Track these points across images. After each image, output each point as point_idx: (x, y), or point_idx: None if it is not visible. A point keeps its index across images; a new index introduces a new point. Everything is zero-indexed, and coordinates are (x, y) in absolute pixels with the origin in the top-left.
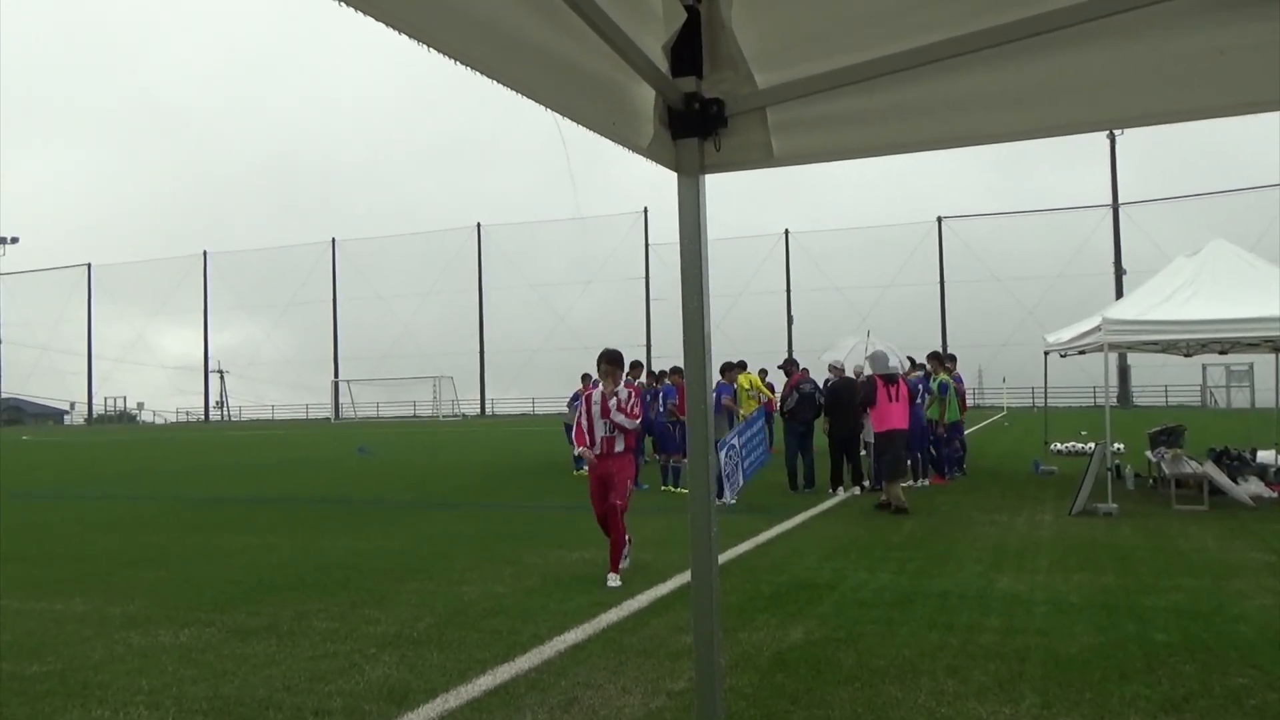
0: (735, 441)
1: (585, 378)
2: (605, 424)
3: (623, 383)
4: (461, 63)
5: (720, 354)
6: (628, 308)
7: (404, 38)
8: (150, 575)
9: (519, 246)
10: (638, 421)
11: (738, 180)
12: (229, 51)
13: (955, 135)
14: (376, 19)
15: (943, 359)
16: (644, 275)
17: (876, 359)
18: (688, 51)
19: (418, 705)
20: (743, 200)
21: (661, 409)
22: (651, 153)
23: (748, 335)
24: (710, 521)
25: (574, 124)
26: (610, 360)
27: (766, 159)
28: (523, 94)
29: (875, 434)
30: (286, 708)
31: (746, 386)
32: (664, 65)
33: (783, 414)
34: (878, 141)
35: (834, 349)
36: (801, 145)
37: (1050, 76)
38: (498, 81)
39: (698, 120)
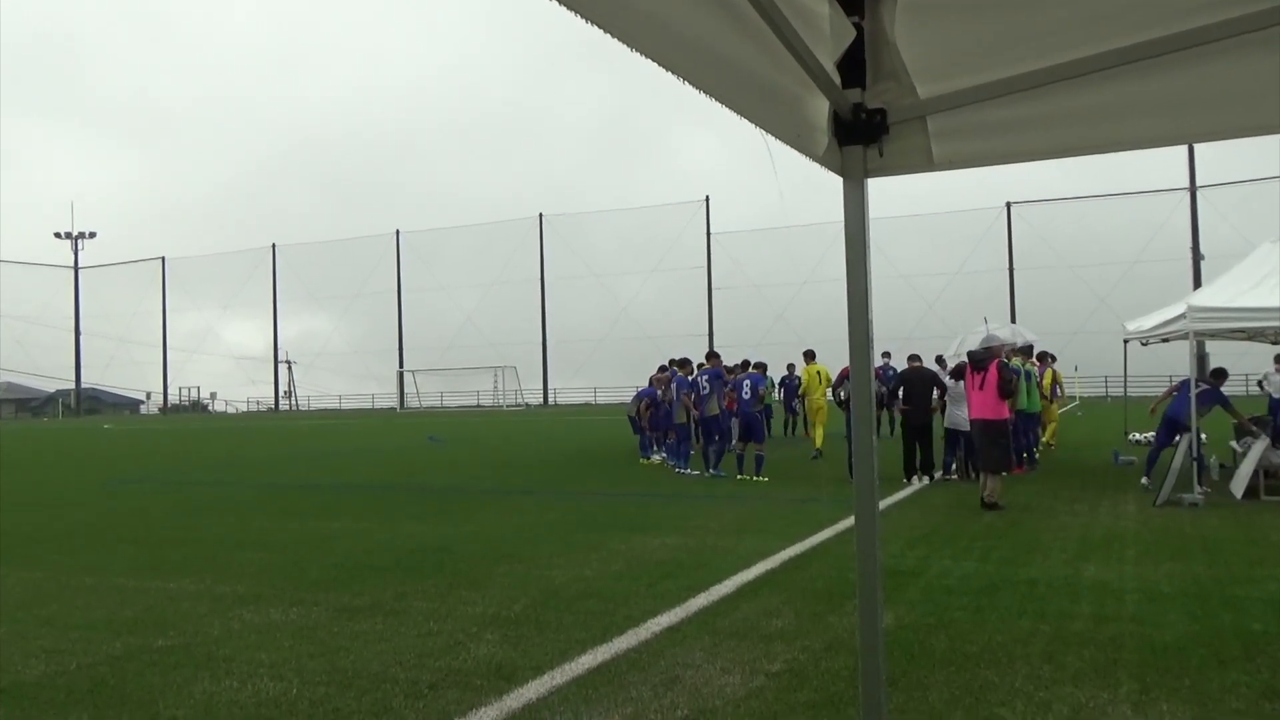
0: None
1: (663, 368)
2: None
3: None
4: (683, 79)
5: (784, 342)
6: (689, 297)
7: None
8: (254, 557)
9: (580, 235)
10: None
11: (799, 166)
12: (269, 40)
13: (1109, 141)
14: (608, 32)
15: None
16: (706, 264)
17: (987, 340)
18: (853, 65)
19: (525, 681)
20: (807, 187)
21: (747, 396)
22: (824, 160)
23: (811, 323)
24: (874, 506)
25: (767, 134)
26: None
27: (926, 164)
28: (735, 111)
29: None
30: (402, 681)
31: (813, 375)
32: (837, 79)
33: (840, 405)
34: (1032, 147)
35: (964, 342)
36: (960, 151)
37: (1205, 85)
38: (712, 98)
39: (863, 128)
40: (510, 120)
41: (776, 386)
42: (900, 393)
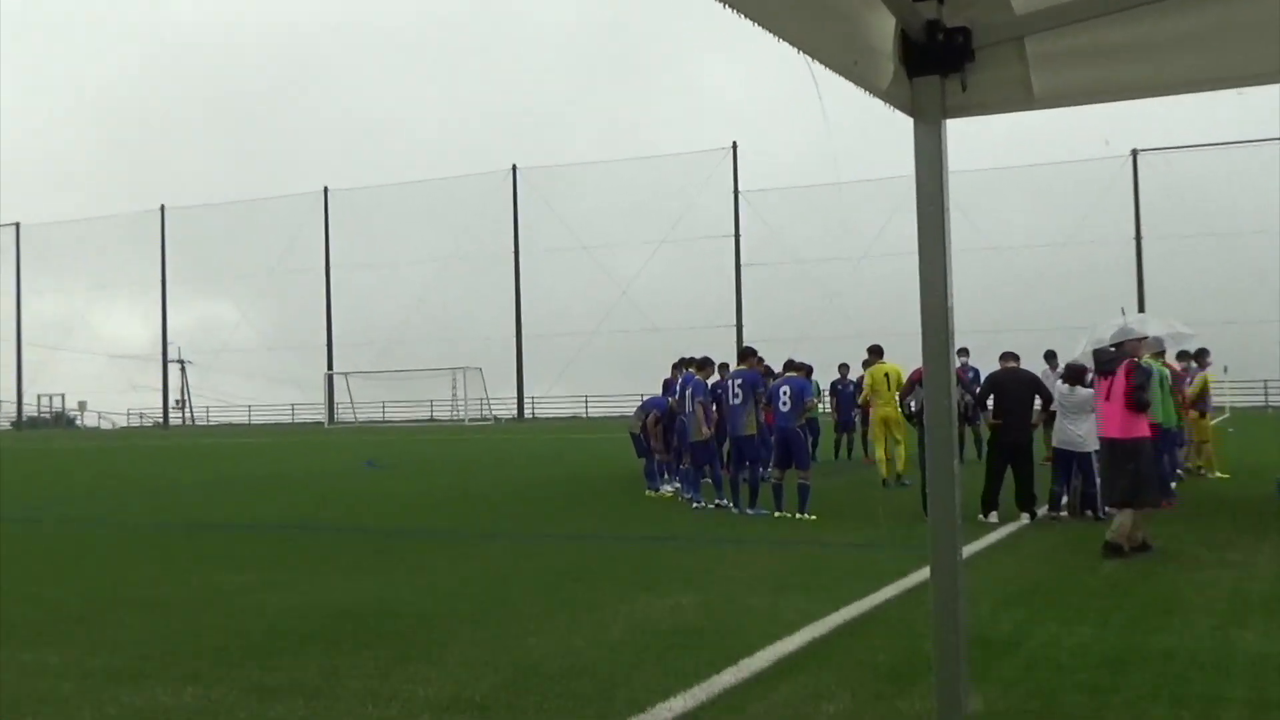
0: None
1: (677, 366)
2: None
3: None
4: None
5: (836, 335)
6: (710, 276)
7: None
8: (134, 620)
9: (566, 193)
10: None
11: (856, 103)
12: None
13: (1255, 70)
14: None
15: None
16: (733, 233)
17: (1120, 335)
18: None
19: None
20: (866, 130)
21: (786, 408)
22: (890, 95)
23: (870, 310)
24: (956, 553)
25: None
26: None
27: (1024, 100)
28: (771, 30)
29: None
30: None
31: (880, 378)
32: None
33: (910, 418)
34: (1161, 78)
35: (1092, 339)
36: (1068, 82)
37: None
38: (742, 14)
39: (941, 53)
40: (472, 38)
41: (825, 394)
42: (990, 401)
